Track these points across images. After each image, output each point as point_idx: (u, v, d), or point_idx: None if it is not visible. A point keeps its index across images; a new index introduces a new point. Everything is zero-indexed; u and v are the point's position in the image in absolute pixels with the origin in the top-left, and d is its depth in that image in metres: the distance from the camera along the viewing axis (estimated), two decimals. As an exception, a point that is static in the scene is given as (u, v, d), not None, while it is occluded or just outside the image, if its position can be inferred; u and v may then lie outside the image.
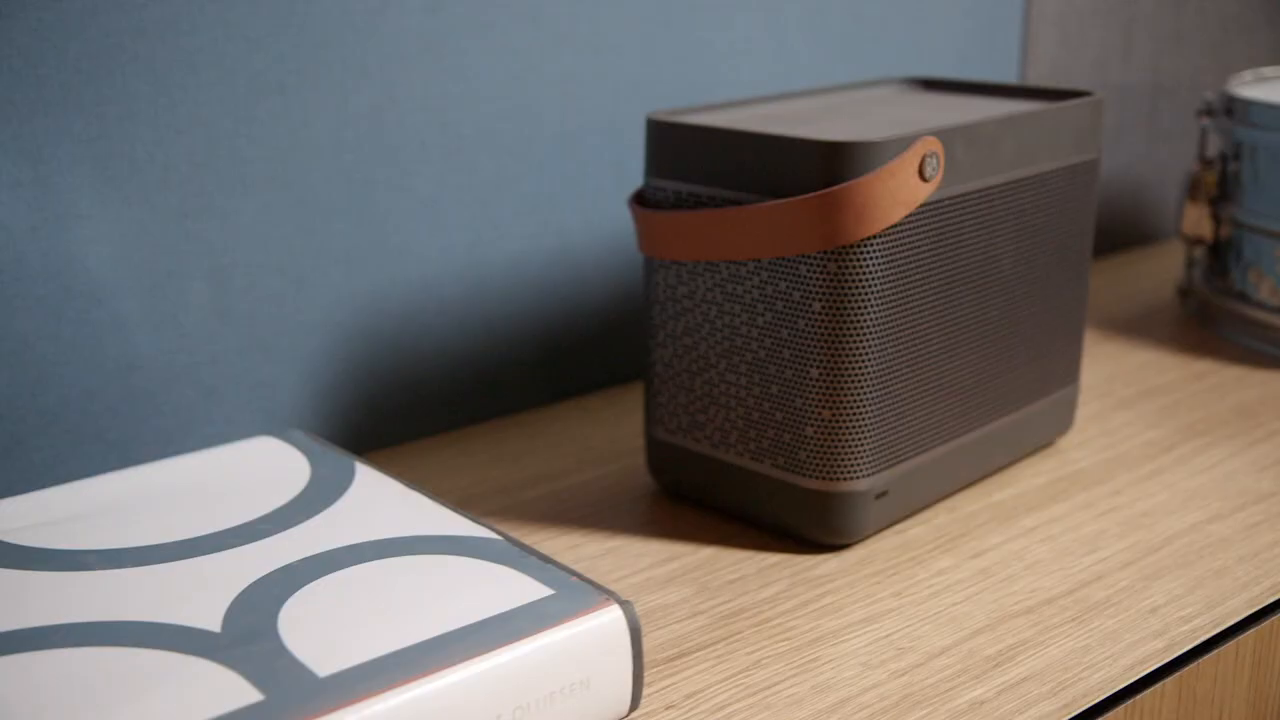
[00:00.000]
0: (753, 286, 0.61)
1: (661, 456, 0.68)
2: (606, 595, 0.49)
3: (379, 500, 0.57)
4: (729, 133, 0.61)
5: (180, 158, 0.65)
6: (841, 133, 0.62)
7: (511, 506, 0.68)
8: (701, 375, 0.64)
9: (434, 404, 0.77)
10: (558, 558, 0.62)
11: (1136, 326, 0.96)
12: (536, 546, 0.64)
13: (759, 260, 0.61)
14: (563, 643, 0.47)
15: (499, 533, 0.54)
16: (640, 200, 0.65)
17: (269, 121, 0.67)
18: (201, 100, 0.65)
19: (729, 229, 0.60)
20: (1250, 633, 0.57)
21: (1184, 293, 1.00)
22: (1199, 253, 1.03)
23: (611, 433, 0.77)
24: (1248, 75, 1.01)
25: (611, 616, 0.48)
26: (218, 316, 0.68)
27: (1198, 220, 0.97)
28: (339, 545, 0.53)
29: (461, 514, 0.56)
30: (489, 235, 0.77)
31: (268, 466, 0.60)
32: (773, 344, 0.61)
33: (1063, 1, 1.06)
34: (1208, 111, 0.96)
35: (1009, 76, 1.04)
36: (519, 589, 0.49)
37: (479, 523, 0.55)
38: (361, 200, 0.71)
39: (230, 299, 0.68)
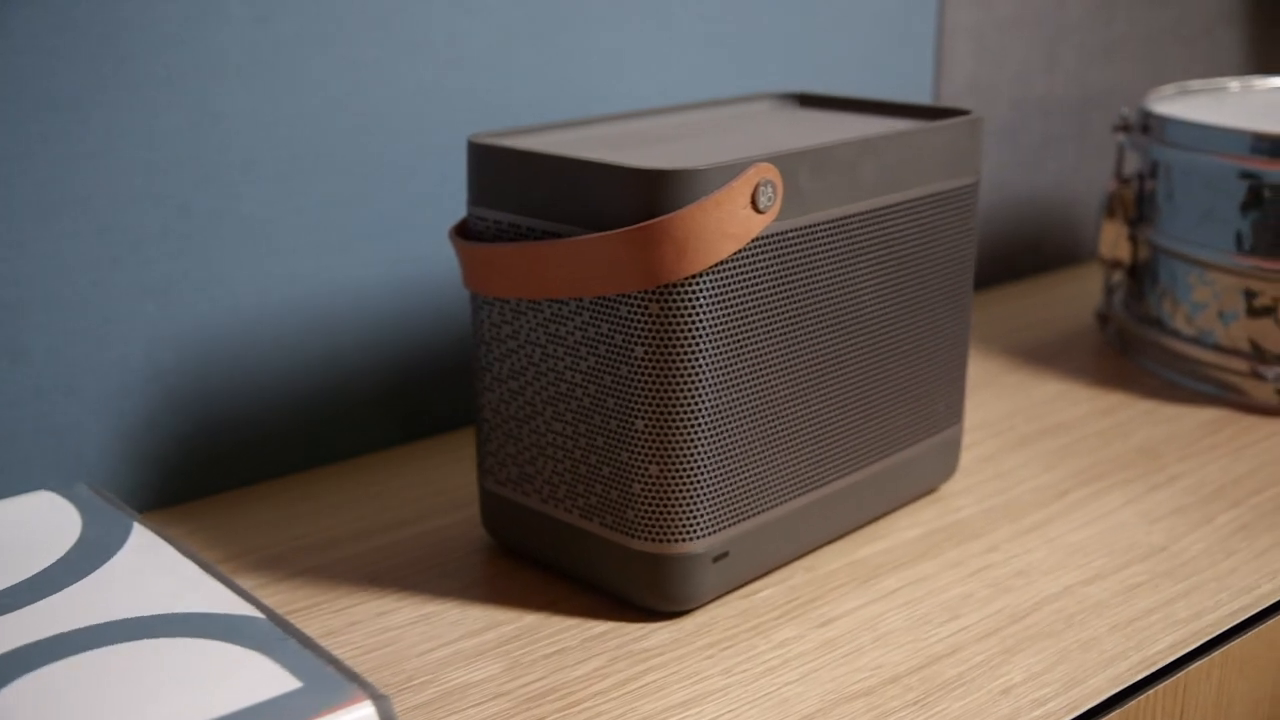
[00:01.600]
0: (575, 328, 0.55)
1: (493, 510, 0.62)
2: (360, 689, 0.43)
3: (142, 570, 0.51)
4: (547, 158, 0.55)
5: (-40, 182, 0.59)
6: (668, 159, 0.56)
7: (328, 565, 0.62)
8: (529, 423, 0.59)
9: (268, 447, 0.71)
10: (363, 625, 0.57)
11: (1051, 355, 0.90)
12: (345, 611, 0.58)
13: (581, 299, 0.55)
14: (298, 747, 0.41)
15: (264, 610, 0.48)
16: (462, 231, 0.60)
17: (63, 141, 0.61)
18: (-17, 119, 0.59)
19: (544, 264, 0.54)
20: (1110, 717, 0.51)
21: (1103, 318, 0.94)
22: (1118, 276, 0.98)
23: (462, 478, 0.71)
24: (1170, 89, 0.96)
25: (361, 714, 0.42)
26: (8, 358, 0.62)
27: (1115, 242, 0.91)
28: (77, 627, 0.47)
29: (230, 587, 0.50)
30: (329, 262, 0.71)
31: (33, 528, 0.54)
32: (597, 391, 0.55)
33: (980, 12, 1.01)
34: (1124, 127, 0.91)
35: (922, 90, 0.98)
36: (263, 680, 0.43)
37: (246, 598, 0.49)
38: (177, 226, 0.65)
39: (25, 337, 0.62)
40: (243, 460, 0.70)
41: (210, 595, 0.49)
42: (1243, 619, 0.57)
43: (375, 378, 0.74)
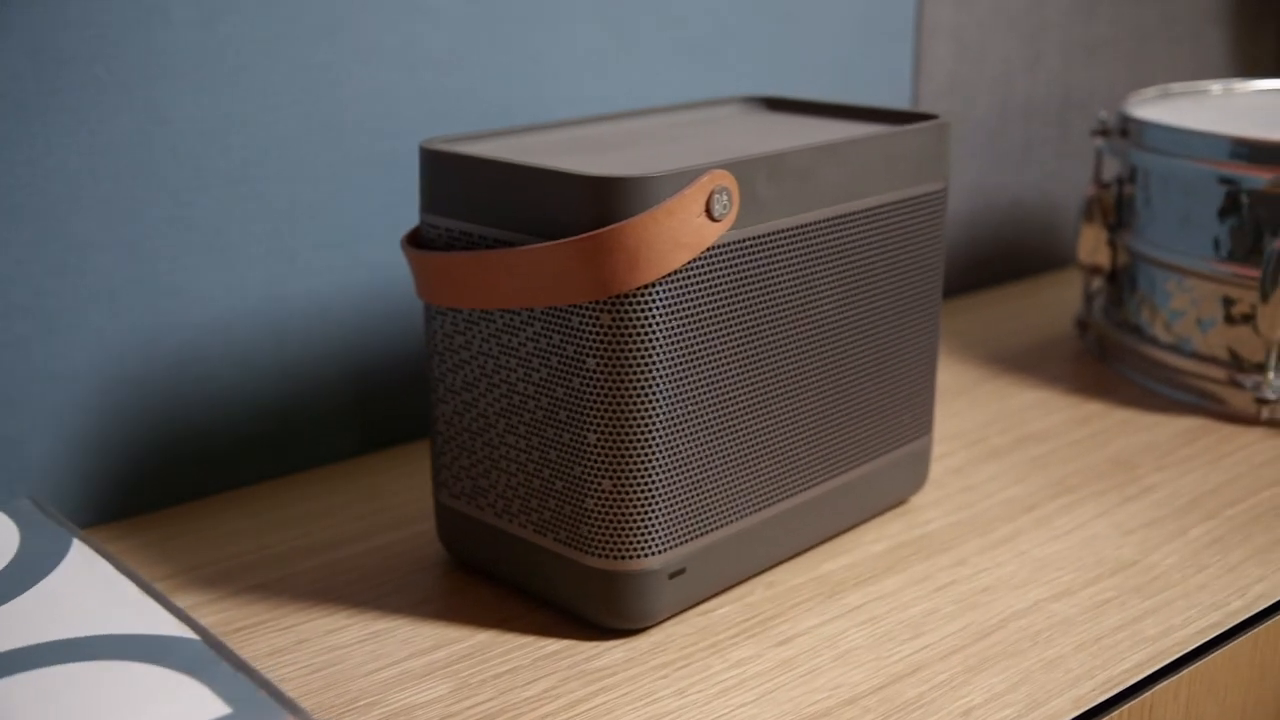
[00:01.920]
0: (527, 339, 0.54)
1: (448, 524, 0.61)
2: (292, 715, 0.41)
3: (77, 590, 0.49)
4: (498, 165, 0.53)
5: (-101, 189, 0.58)
6: (622, 165, 0.55)
7: (279, 580, 0.61)
8: (482, 436, 0.57)
9: (220, 460, 0.69)
10: (310, 644, 0.55)
11: (1029, 362, 0.89)
12: (293, 629, 0.56)
13: (533, 310, 0.53)
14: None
15: (199, 631, 0.47)
16: (415, 239, 0.58)
17: (2, 146, 0.60)
18: (-77, 124, 0.58)
19: (495, 274, 0.53)
20: (1074, 741, 0.50)
21: (1082, 325, 0.93)
22: (1097, 282, 0.96)
23: (419, 491, 0.70)
24: (1151, 92, 0.94)
25: (291, 743, 0.41)
26: (-50, 366, 0.61)
27: (1094, 247, 0.90)
28: (5, 649, 0.45)
29: (167, 607, 0.48)
30: (285, 271, 0.69)
31: (-33, 545, 0.52)
32: (549, 404, 0.54)
33: (959, 11, 0.99)
34: (1103, 131, 0.89)
35: (902, 91, 0.97)
36: (191, 706, 0.42)
37: (182, 618, 0.48)
38: (125, 234, 0.64)
39: (-32, 346, 0.61)
40: (194, 473, 0.69)
41: (145, 616, 0.48)
42: (1212, 636, 0.55)
43: (332, 388, 0.73)
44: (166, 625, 0.47)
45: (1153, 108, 0.90)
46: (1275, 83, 0.99)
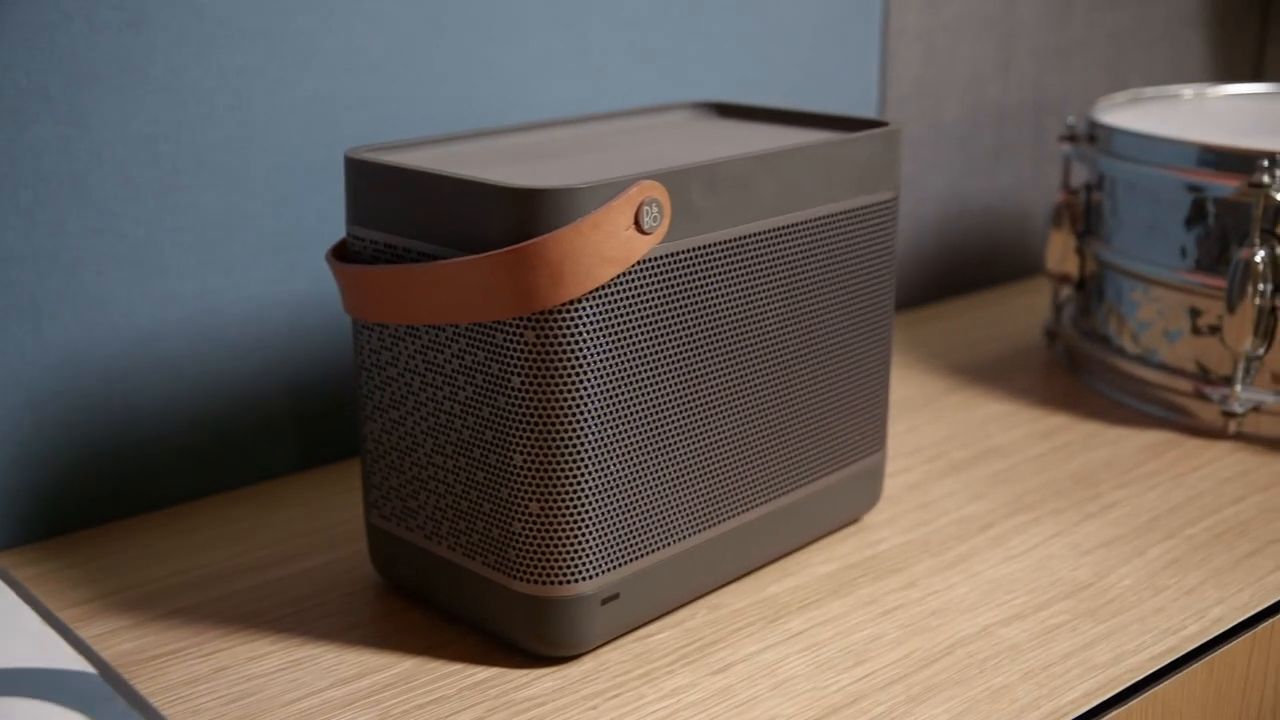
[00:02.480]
0: (452, 355, 0.52)
1: (380, 546, 0.59)
2: (181, 757, 0.39)
3: (-26, 618, 0.47)
4: (420, 175, 0.51)
5: None
6: (549, 176, 0.53)
7: (205, 603, 0.59)
8: (410, 455, 0.55)
9: (150, 477, 0.67)
10: (230, 672, 0.53)
11: (996, 373, 0.87)
12: (213, 656, 0.54)
13: (458, 326, 0.51)
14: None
15: (98, 665, 0.45)
16: (341, 252, 0.56)
17: (-78, 156, 0.58)
18: None
19: (417, 288, 0.51)
20: (1015, 777, 0.48)
21: (1051, 335, 0.91)
22: (1066, 291, 0.94)
23: (356, 509, 0.68)
24: (1121, 96, 0.92)
25: (178, 787, 0.39)
26: None
27: (1063, 256, 0.88)
28: (-112, 684, 0.43)
29: (67, 638, 0.46)
30: (215, 282, 0.67)
31: None
32: (475, 423, 0.52)
33: (927, 14, 0.97)
34: (1071, 137, 0.87)
35: (868, 97, 0.95)
36: (77, 748, 0.40)
37: (82, 651, 0.45)
38: (48, 245, 0.62)
39: (-118, 361, 0.59)
40: (123, 491, 0.67)
41: (43, 648, 0.46)
42: (1164, 664, 0.53)
43: (269, 401, 0.70)
44: (64, 658, 0.45)
45: (1121, 113, 0.88)
46: (1248, 87, 0.97)
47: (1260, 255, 0.73)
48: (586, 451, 0.51)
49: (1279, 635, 0.58)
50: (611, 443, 0.51)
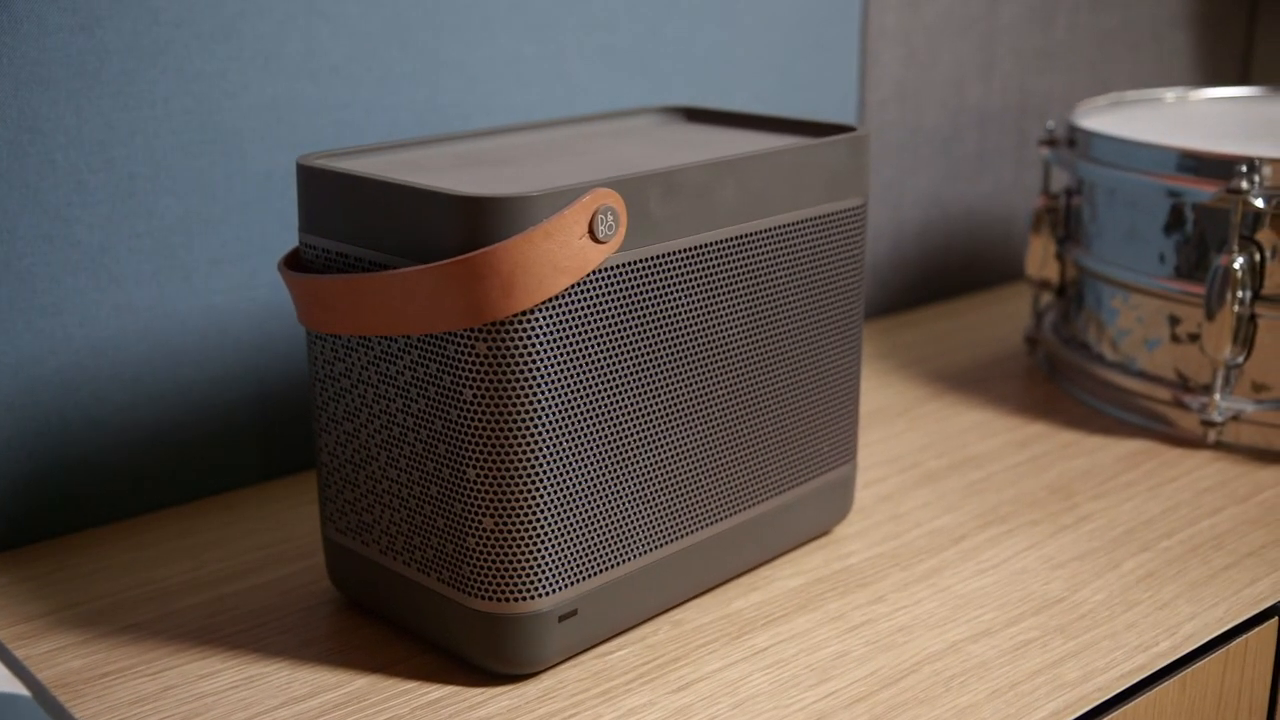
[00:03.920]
0: (404, 367, 0.51)
1: (335, 560, 0.57)
2: (110, 785, 0.38)
3: (-91, 638, 0.46)
4: (370, 182, 0.50)
5: None
6: (502, 183, 0.52)
7: (158, 619, 0.57)
8: (365, 468, 0.54)
9: (107, 488, 0.66)
10: (178, 691, 0.52)
11: (976, 380, 0.86)
12: (162, 674, 0.53)
13: (410, 337, 0.50)
14: None
15: (34, 687, 0.43)
16: (294, 260, 0.55)
17: None
18: None
19: (366, 298, 0.50)
20: (978, 800, 0.47)
21: (1031, 342, 0.90)
22: (1047, 297, 0.93)
23: (316, 522, 0.67)
24: (1102, 100, 0.91)
25: (106, 817, 0.38)
26: None
27: (1043, 261, 0.87)
28: None
29: (3, 658, 0.45)
30: (173, 290, 0.66)
31: None
32: (429, 436, 0.51)
33: (907, 15, 0.96)
34: (1050, 141, 0.86)
35: (847, 101, 0.93)
36: (3, 776, 0.39)
37: (18, 672, 0.44)
38: None
39: None
40: (80, 503, 0.65)
41: (-23, 669, 0.44)
42: (1134, 682, 0.52)
43: (226, 412, 0.69)
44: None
45: (1102, 117, 0.87)
46: (1231, 91, 0.96)
47: (1239, 262, 0.71)
48: (541, 465, 0.49)
49: (1253, 651, 0.57)
50: (567, 456, 0.50)
